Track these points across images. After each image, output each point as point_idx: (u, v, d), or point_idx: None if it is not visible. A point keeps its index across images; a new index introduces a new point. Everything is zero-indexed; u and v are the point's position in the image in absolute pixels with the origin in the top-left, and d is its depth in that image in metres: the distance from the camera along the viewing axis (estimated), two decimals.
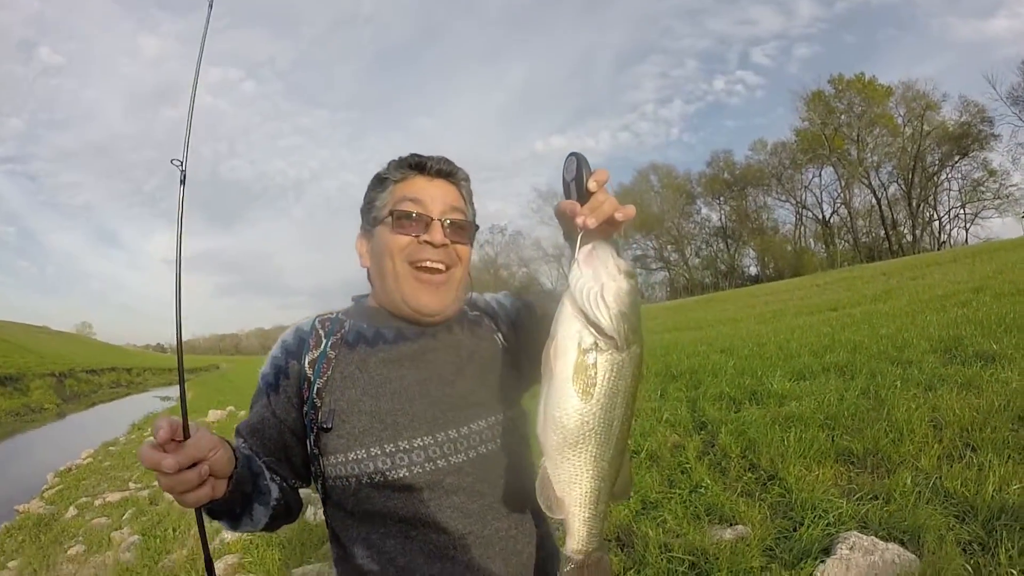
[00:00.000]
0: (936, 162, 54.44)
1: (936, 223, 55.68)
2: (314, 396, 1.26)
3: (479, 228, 1.42)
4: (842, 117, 57.51)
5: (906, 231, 57.05)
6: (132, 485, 9.60)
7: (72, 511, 8.90)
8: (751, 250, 67.22)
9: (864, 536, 2.95)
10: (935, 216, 55.77)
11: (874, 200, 58.39)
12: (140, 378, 58.19)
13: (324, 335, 1.33)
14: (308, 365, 1.29)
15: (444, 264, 1.32)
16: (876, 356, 6.30)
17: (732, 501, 3.74)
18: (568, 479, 1.07)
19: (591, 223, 1.02)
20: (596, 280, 1.03)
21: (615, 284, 1.02)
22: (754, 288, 37.40)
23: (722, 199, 67.56)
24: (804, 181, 62.17)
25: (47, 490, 11.31)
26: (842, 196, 60.05)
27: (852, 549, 2.87)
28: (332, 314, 1.40)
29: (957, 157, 52.65)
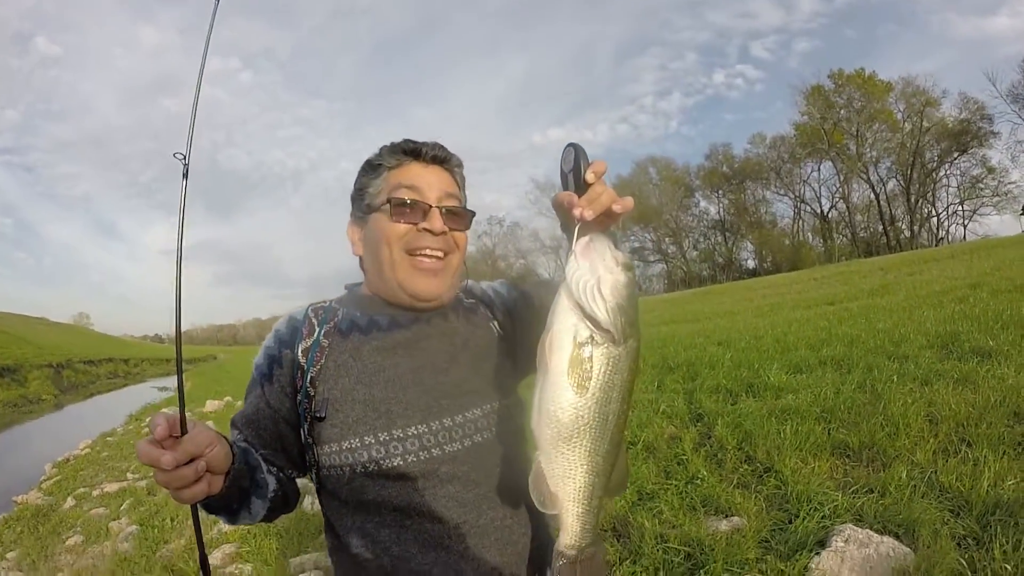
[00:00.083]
0: (935, 158, 54.54)
1: (934, 219, 55.90)
2: (308, 385, 1.25)
3: (475, 215, 1.39)
4: (841, 112, 57.52)
5: (904, 227, 57.22)
6: (130, 475, 9.57)
7: (70, 502, 8.90)
8: (749, 243, 67.42)
9: (859, 529, 2.96)
10: (933, 212, 55.99)
11: (872, 195, 58.57)
12: (138, 369, 58.34)
13: (317, 324, 1.32)
14: (301, 354, 1.28)
15: (442, 251, 1.31)
16: (873, 350, 6.30)
17: (728, 493, 3.74)
18: (562, 474, 1.06)
19: (588, 215, 1.02)
20: (593, 273, 1.02)
21: (612, 277, 1.01)
22: (751, 281, 37.41)
23: (720, 192, 67.67)
24: (803, 175, 62.38)
25: (45, 481, 11.31)
26: (840, 191, 60.22)
27: (847, 542, 2.88)
28: (325, 302, 1.39)
29: (956, 154, 52.77)
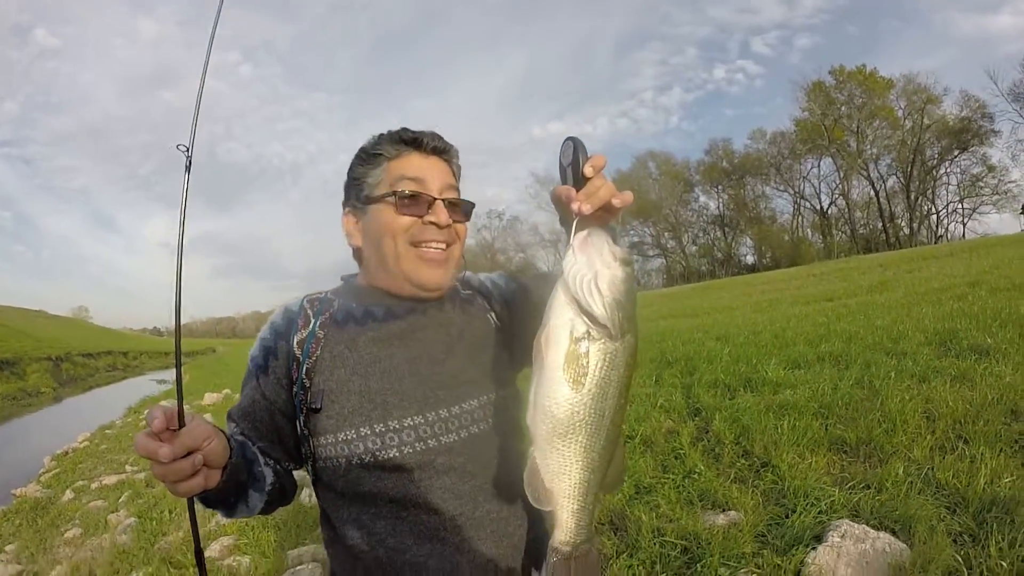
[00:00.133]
0: (935, 156, 54.52)
1: (934, 217, 55.92)
2: (303, 377, 1.24)
3: (474, 206, 1.38)
4: (842, 108, 57.43)
5: (904, 224, 57.25)
6: (128, 468, 9.61)
7: (69, 494, 8.94)
8: (748, 239, 67.38)
9: (856, 524, 2.97)
10: (933, 210, 55.99)
11: (872, 192, 58.55)
12: (136, 362, 58.66)
13: (313, 315, 1.31)
14: (297, 345, 1.27)
15: (446, 242, 1.30)
16: (871, 347, 6.31)
17: (725, 487, 3.75)
18: (557, 469, 1.05)
19: (586, 209, 1.01)
20: (590, 267, 1.01)
21: (610, 272, 1.00)
22: (751, 277, 37.45)
23: (720, 187, 67.59)
24: (803, 171, 62.31)
25: (44, 474, 11.38)
26: (840, 187, 60.19)
27: (843, 537, 2.89)
28: (321, 294, 1.38)
29: (956, 152, 52.75)
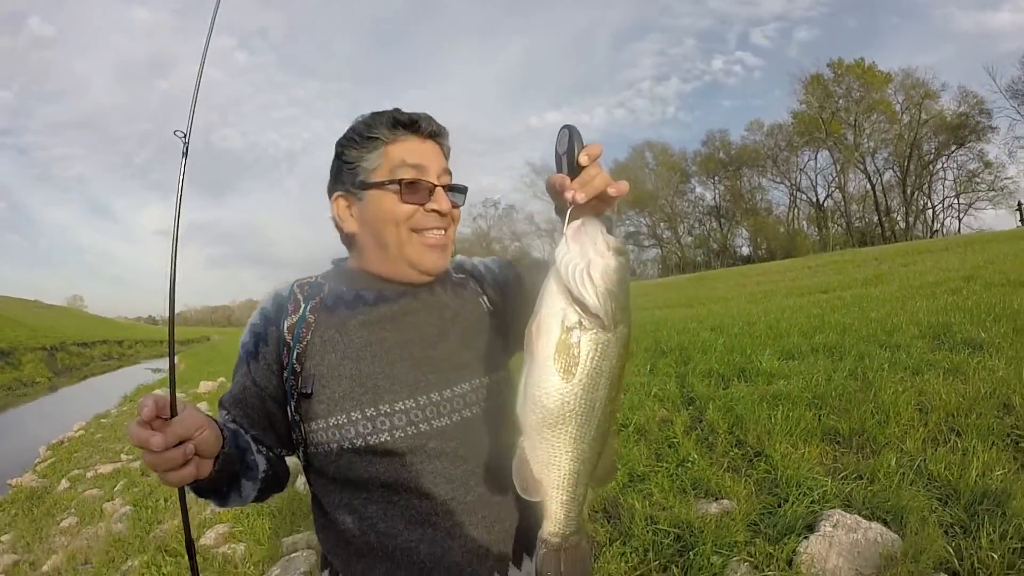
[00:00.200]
0: (932, 151, 54.36)
1: (930, 211, 55.84)
2: (294, 362, 1.23)
3: (467, 188, 1.37)
4: (840, 101, 57.16)
5: (899, 218, 57.24)
6: (124, 457, 9.61)
7: (64, 484, 8.95)
8: (744, 230, 67.14)
9: (848, 514, 2.98)
10: (929, 204, 55.90)
11: (869, 186, 58.42)
12: (132, 350, 58.62)
13: (303, 299, 1.30)
14: (287, 330, 1.26)
15: (444, 227, 1.30)
16: (865, 339, 6.32)
17: (718, 476, 3.77)
18: (546, 460, 1.04)
19: (580, 198, 1.00)
20: (583, 256, 0.99)
21: (603, 261, 0.99)
22: (746, 268, 37.42)
23: (716, 178, 67.28)
24: (799, 164, 61.97)
25: (40, 463, 11.37)
26: (837, 180, 59.98)
27: (835, 527, 2.90)
28: (311, 278, 1.36)
29: (954, 147, 52.61)
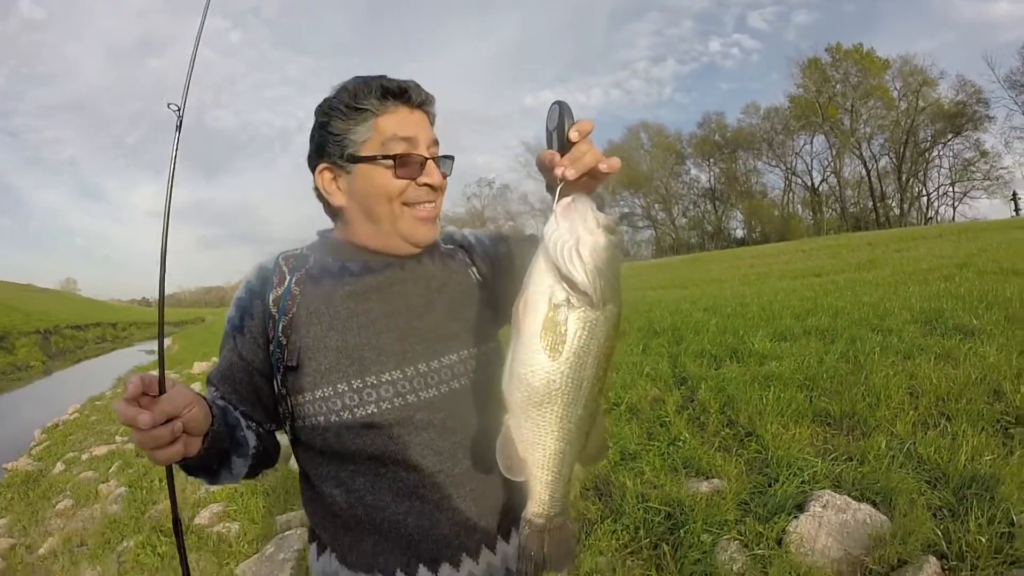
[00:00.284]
0: (928, 138, 54.28)
1: (924, 199, 55.88)
2: (279, 335, 1.21)
3: (454, 158, 1.34)
4: (837, 86, 56.88)
5: (894, 204, 57.28)
6: (118, 438, 9.59)
7: (60, 466, 8.93)
8: (738, 213, 67.07)
9: (837, 495, 3.00)
10: (924, 192, 55.94)
11: (864, 171, 58.40)
12: (126, 332, 58.60)
13: (288, 272, 1.27)
14: (272, 303, 1.24)
15: (434, 200, 1.28)
16: (857, 322, 6.34)
17: (709, 455, 3.78)
18: (531, 439, 1.03)
19: (570, 174, 0.98)
20: (572, 234, 0.97)
21: (592, 238, 0.97)
22: (739, 250, 37.51)
23: (712, 161, 66.98)
24: (795, 147, 61.72)
25: (35, 447, 11.35)
26: (832, 165, 59.86)
27: (825, 507, 2.92)
28: (297, 250, 1.33)
29: (950, 135, 52.50)
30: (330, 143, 1.25)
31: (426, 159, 1.25)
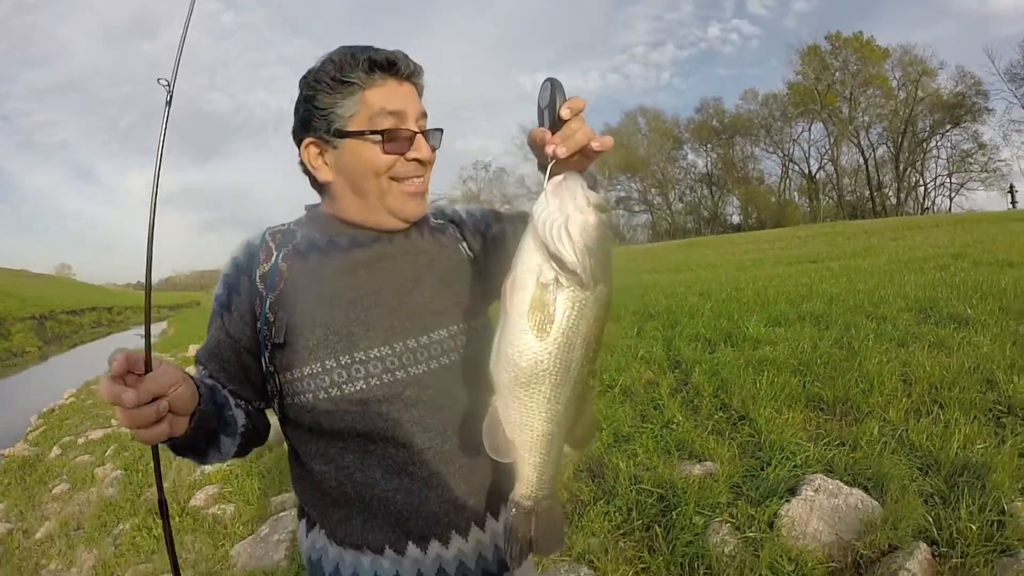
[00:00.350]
0: (927, 129, 54.28)
1: (921, 189, 55.97)
2: (267, 311, 1.19)
3: (443, 131, 1.30)
4: (836, 74, 56.72)
5: (891, 194, 57.35)
6: (114, 422, 9.54)
7: (56, 451, 8.93)
8: (735, 199, 67.08)
9: (829, 480, 3.01)
10: (921, 182, 56.02)
11: (861, 160, 58.39)
12: (121, 316, 58.56)
13: (275, 247, 1.25)
14: (259, 280, 1.21)
15: (423, 174, 1.25)
16: (852, 309, 6.35)
17: (702, 438, 3.79)
18: (519, 420, 1.01)
19: (561, 152, 0.96)
20: (562, 212, 0.95)
21: (582, 217, 0.95)
22: (735, 236, 37.53)
23: (709, 146, 66.84)
24: (793, 134, 61.64)
25: (31, 432, 11.32)
26: (830, 153, 59.83)
27: (817, 491, 2.93)
28: (283, 225, 1.30)
29: (948, 126, 52.49)
30: (316, 117, 1.21)
31: (415, 133, 1.22)
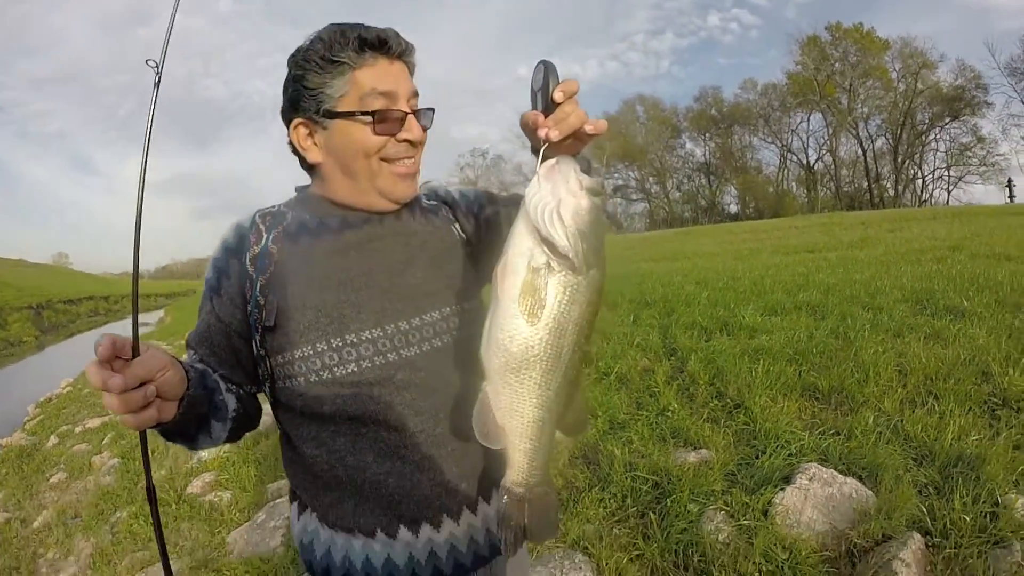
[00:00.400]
0: (926, 121, 54.15)
1: (919, 181, 55.93)
2: (257, 294, 1.17)
3: (435, 111, 1.27)
4: (836, 65, 56.50)
5: (889, 185, 57.33)
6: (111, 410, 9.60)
7: (53, 440, 8.93)
8: (733, 188, 66.93)
9: (824, 469, 3.01)
10: (919, 174, 55.95)
11: (860, 151, 58.28)
12: (118, 306, 58.24)
13: (265, 230, 1.23)
14: (250, 263, 1.20)
15: (414, 155, 1.23)
16: (848, 299, 6.35)
17: (698, 426, 3.79)
18: (509, 406, 1.00)
19: (554, 135, 0.95)
20: (554, 195, 0.94)
21: (574, 200, 0.94)
22: (733, 225, 37.44)
23: (708, 135, 66.60)
24: (792, 125, 61.40)
25: (28, 422, 11.32)
26: (828, 144, 59.69)
27: (811, 480, 2.93)
28: (273, 207, 1.29)
29: (948, 119, 52.37)
30: (305, 97, 1.19)
31: (406, 114, 1.20)
